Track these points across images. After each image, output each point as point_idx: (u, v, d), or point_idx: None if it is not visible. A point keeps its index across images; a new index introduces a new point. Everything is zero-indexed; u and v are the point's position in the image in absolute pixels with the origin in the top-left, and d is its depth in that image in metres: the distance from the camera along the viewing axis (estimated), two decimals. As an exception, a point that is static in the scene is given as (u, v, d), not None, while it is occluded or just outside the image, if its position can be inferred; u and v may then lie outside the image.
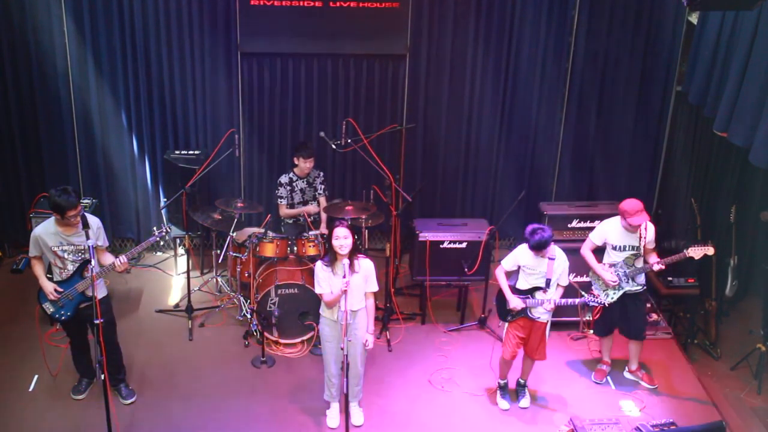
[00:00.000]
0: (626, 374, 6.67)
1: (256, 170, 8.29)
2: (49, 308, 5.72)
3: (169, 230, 5.97)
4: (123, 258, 5.64)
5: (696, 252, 5.97)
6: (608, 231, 6.25)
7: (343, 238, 5.44)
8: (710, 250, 5.99)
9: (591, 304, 6.15)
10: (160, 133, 8.02)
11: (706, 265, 6.95)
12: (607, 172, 8.44)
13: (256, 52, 7.81)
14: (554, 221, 6.98)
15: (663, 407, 6.30)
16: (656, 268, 6.09)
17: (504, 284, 6.04)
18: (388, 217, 7.18)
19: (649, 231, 6.16)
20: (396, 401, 6.28)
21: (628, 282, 6.24)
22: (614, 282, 6.22)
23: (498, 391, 6.33)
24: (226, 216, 7.11)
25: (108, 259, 5.78)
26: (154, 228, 5.97)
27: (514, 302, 5.95)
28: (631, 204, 6.05)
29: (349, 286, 5.36)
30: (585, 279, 6.71)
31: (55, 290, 5.64)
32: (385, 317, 7.10)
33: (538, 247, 5.79)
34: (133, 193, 8.22)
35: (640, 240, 6.12)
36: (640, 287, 6.29)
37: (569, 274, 6.12)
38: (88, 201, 7.54)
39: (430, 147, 8.34)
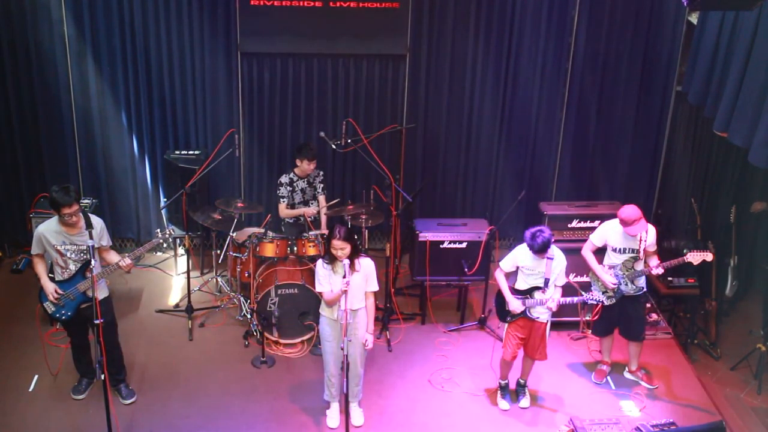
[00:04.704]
0: (626, 375, 6.66)
1: (256, 170, 8.28)
2: (50, 307, 5.72)
3: (172, 232, 5.97)
4: (127, 260, 5.68)
5: (695, 258, 5.94)
6: (609, 233, 6.24)
7: (340, 249, 5.46)
8: (709, 257, 5.94)
9: (589, 302, 6.15)
10: (160, 133, 8.02)
11: (707, 265, 6.93)
12: (607, 172, 8.43)
13: (256, 52, 7.82)
14: (554, 221, 6.98)
15: (663, 407, 6.30)
16: (655, 272, 6.08)
17: (504, 286, 6.04)
18: (388, 217, 7.18)
19: (650, 234, 6.14)
20: (396, 401, 6.28)
21: (626, 284, 6.23)
22: (613, 285, 6.22)
23: (498, 392, 6.32)
24: (226, 216, 7.12)
25: (113, 257, 5.81)
26: (158, 230, 5.96)
27: (514, 305, 5.95)
28: (629, 213, 5.99)
29: (350, 286, 5.37)
30: (585, 279, 6.71)
31: (56, 291, 5.64)
32: (385, 317, 7.10)
33: (543, 249, 5.78)
34: (133, 193, 8.23)
35: (640, 243, 6.11)
36: (639, 290, 6.29)
37: (569, 274, 6.12)
38: (88, 201, 7.55)
39: (430, 147, 8.34)
